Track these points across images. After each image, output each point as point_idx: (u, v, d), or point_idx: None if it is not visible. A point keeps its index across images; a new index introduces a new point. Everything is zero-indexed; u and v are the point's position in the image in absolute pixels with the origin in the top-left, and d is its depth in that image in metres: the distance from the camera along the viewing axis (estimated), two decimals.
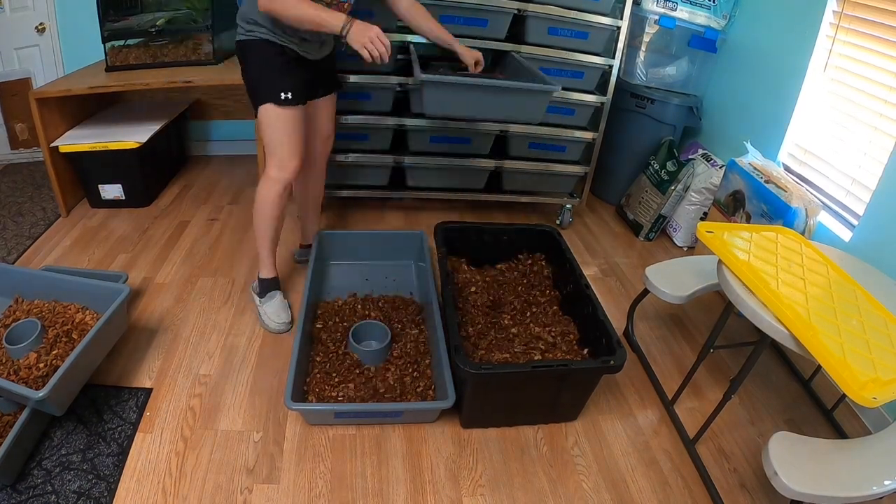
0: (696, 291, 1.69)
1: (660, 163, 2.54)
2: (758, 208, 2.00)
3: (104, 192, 2.44)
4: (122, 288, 1.60)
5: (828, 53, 1.98)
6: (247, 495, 1.32)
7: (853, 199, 1.87)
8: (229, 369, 1.67)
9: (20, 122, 2.78)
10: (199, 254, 2.20)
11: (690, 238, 2.55)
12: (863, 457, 1.19)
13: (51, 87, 2.23)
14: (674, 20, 2.44)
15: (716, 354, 1.89)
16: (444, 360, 1.55)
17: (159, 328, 1.80)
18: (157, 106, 2.71)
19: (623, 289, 2.25)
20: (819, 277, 1.41)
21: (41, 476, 1.31)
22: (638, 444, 1.56)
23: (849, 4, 1.87)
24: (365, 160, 2.36)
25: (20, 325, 1.55)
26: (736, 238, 1.50)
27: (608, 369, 1.44)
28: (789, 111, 2.13)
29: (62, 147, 2.28)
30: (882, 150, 1.74)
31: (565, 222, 2.66)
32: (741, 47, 2.44)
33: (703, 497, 1.42)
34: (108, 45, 2.37)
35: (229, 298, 1.96)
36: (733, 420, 1.66)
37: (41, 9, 2.58)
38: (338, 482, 1.37)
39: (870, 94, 1.82)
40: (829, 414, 1.70)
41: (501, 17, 2.14)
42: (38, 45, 2.65)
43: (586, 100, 2.36)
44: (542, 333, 1.75)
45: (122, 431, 1.44)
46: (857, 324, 1.25)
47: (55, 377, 1.26)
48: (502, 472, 1.44)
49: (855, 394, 1.06)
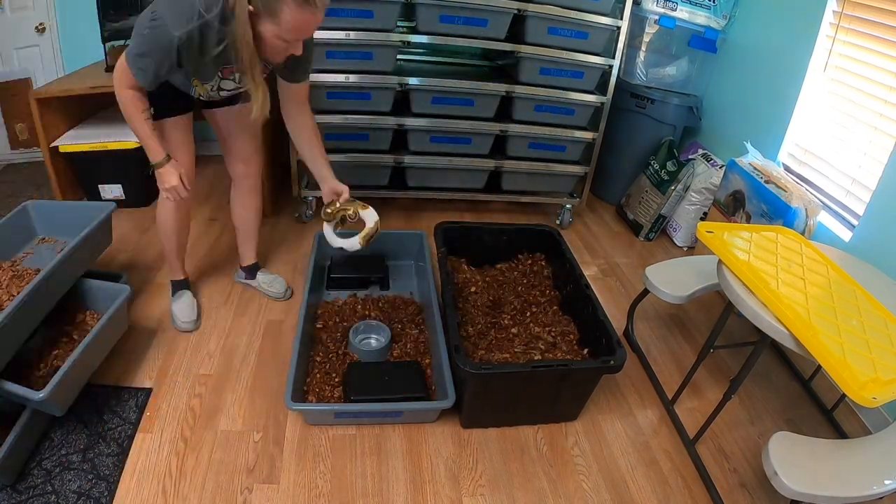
0: (696, 291, 1.69)
1: (660, 163, 2.54)
2: (758, 208, 2.00)
3: (104, 192, 2.44)
4: (122, 288, 1.60)
5: (828, 53, 1.98)
6: (247, 495, 1.32)
7: (853, 199, 1.87)
8: (229, 369, 1.67)
9: (20, 122, 2.78)
10: (199, 254, 2.20)
11: (690, 238, 2.55)
12: (863, 457, 1.19)
13: (51, 87, 2.23)
14: (674, 20, 2.44)
15: (716, 354, 1.89)
16: (445, 360, 1.55)
17: (159, 328, 1.80)
18: None
19: (623, 289, 2.25)
20: (819, 277, 1.41)
21: (41, 476, 1.31)
22: (638, 444, 1.56)
23: (849, 4, 1.87)
24: (365, 160, 2.36)
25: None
26: (736, 238, 1.50)
27: (608, 369, 1.44)
28: (789, 111, 2.13)
29: (62, 147, 2.28)
30: (882, 150, 1.74)
31: (565, 222, 2.66)
32: (741, 47, 2.45)
33: (703, 497, 1.42)
34: (108, 45, 2.37)
35: (229, 298, 1.96)
36: (733, 420, 1.66)
37: (41, 9, 2.58)
38: (338, 482, 1.37)
39: (870, 94, 1.82)
40: (829, 414, 1.70)
41: (501, 17, 2.14)
42: (38, 45, 2.65)
43: (586, 100, 2.36)
44: (542, 333, 1.75)
45: (122, 431, 1.44)
46: (857, 324, 1.25)
47: (56, 377, 1.26)
48: (502, 472, 1.44)
49: (855, 394, 1.06)
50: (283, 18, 1.20)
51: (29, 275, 1.53)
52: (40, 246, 1.79)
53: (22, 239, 1.77)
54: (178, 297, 1.85)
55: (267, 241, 2.29)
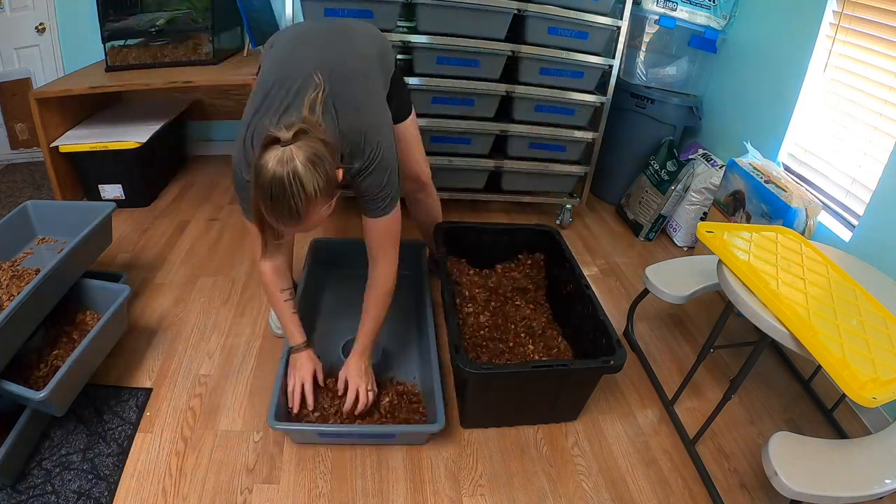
0: (696, 291, 1.69)
1: (660, 163, 2.54)
2: (758, 208, 2.00)
3: (104, 192, 2.44)
4: (122, 288, 1.60)
5: (828, 53, 1.98)
6: (247, 495, 1.32)
7: (853, 199, 1.87)
8: (229, 369, 1.67)
9: (20, 122, 2.78)
10: (199, 254, 2.20)
11: (690, 238, 2.55)
12: (863, 457, 1.19)
13: (51, 87, 2.23)
14: (674, 20, 2.44)
15: (716, 354, 1.89)
16: (437, 379, 1.49)
17: (159, 328, 1.80)
18: (157, 106, 2.71)
19: (623, 289, 2.25)
20: (819, 277, 1.41)
21: (41, 476, 1.31)
22: (638, 443, 1.56)
23: (849, 4, 1.87)
24: None
25: None
26: (736, 238, 1.50)
27: (608, 369, 1.44)
28: (789, 111, 2.13)
29: (62, 147, 2.28)
30: (882, 150, 1.74)
31: (565, 222, 2.66)
32: (741, 47, 2.44)
33: (703, 497, 1.42)
34: (108, 45, 2.37)
35: (229, 298, 1.96)
36: (733, 420, 1.66)
37: (41, 9, 2.58)
38: (337, 482, 1.37)
39: (870, 94, 1.82)
40: (829, 414, 1.70)
41: (501, 17, 2.14)
42: (38, 45, 2.65)
43: (586, 100, 2.36)
44: (542, 333, 1.75)
45: (122, 431, 1.44)
46: (857, 324, 1.25)
47: (56, 378, 1.26)
48: (502, 472, 1.44)
49: (855, 394, 1.06)
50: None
51: (29, 275, 1.53)
52: (40, 246, 1.79)
53: (22, 239, 1.77)
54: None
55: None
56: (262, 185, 1.05)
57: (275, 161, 1.03)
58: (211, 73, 2.34)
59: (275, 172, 1.03)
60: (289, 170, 1.03)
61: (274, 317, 1.80)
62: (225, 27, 2.50)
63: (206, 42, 2.44)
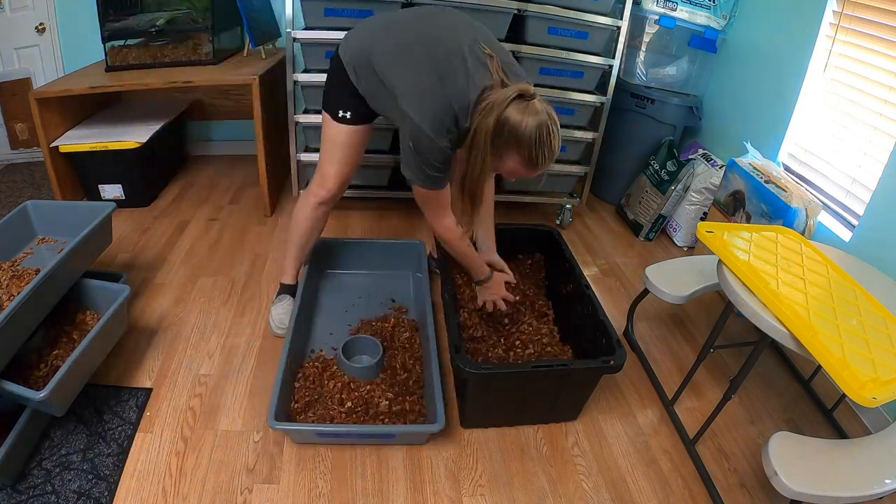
0: (696, 291, 1.69)
1: (660, 163, 2.54)
2: (758, 208, 2.00)
3: (104, 192, 2.44)
4: (122, 288, 1.60)
5: (828, 53, 1.98)
6: (247, 495, 1.32)
7: (853, 199, 1.87)
8: (229, 369, 1.67)
9: (20, 122, 2.78)
10: (199, 254, 2.20)
11: (690, 238, 2.55)
12: (863, 457, 1.19)
13: (51, 87, 2.23)
14: (674, 20, 2.44)
15: (716, 354, 1.89)
16: (436, 378, 1.49)
17: (159, 328, 1.80)
18: (157, 106, 2.71)
19: (623, 289, 2.25)
20: (819, 277, 1.41)
21: (41, 476, 1.31)
22: (638, 443, 1.56)
23: (849, 4, 1.87)
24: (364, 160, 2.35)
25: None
26: (736, 238, 1.50)
27: (608, 369, 1.44)
28: (789, 111, 2.13)
29: (62, 147, 2.28)
30: (882, 150, 1.74)
31: (565, 222, 2.66)
32: (741, 47, 2.45)
33: (703, 497, 1.42)
34: (108, 45, 2.36)
35: (229, 298, 1.96)
36: (733, 420, 1.66)
37: (41, 9, 2.58)
38: (337, 482, 1.37)
39: (870, 94, 1.82)
40: (829, 414, 1.70)
41: (501, 16, 2.14)
42: (38, 45, 2.65)
43: (586, 100, 2.36)
44: (542, 333, 1.75)
45: (122, 431, 1.44)
46: (857, 324, 1.25)
47: (56, 378, 1.26)
48: (502, 472, 1.44)
49: (855, 394, 1.06)
50: (506, 163, 1.31)
51: (29, 275, 1.53)
52: (40, 246, 1.79)
53: (22, 239, 1.77)
54: (280, 300, 1.84)
55: (265, 242, 2.29)
56: (525, 134, 1.22)
57: (531, 112, 1.22)
58: (211, 73, 2.34)
59: (539, 120, 1.22)
60: (547, 115, 1.23)
61: (274, 317, 1.81)
62: (225, 27, 2.50)
63: (206, 42, 2.44)
